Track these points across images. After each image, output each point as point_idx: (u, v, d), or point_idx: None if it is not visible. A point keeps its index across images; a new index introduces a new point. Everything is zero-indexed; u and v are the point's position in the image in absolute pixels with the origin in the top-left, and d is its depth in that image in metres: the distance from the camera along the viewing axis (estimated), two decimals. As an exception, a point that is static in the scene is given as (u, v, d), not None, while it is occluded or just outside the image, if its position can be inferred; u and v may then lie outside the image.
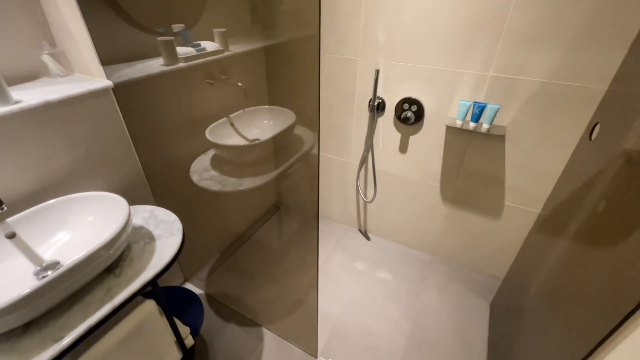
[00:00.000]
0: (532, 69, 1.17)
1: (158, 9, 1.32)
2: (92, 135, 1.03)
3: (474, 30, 1.20)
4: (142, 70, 1.16)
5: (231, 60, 1.49)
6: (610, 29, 1.01)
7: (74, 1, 0.93)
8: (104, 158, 1.08)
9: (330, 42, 1.51)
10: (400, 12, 1.29)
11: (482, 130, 1.28)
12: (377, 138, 1.65)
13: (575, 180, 1.12)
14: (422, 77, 1.38)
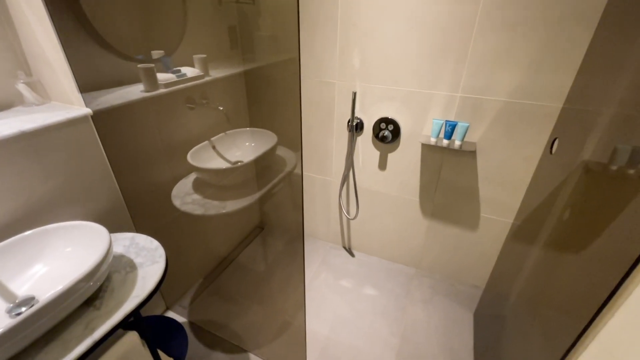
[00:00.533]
0: (496, 89, 1.26)
1: (137, 36, 1.34)
2: (70, 164, 1.01)
3: (442, 55, 1.29)
4: (122, 97, 1.16)
5: (212, 85, 1.52)
6: (560, 54, 1.13)
7: (51, 30, 0.94)
8: (82, 186, 1.06)
9: (309, 66, 1.58)
10: (374, 39, 1.37)
11: (455, 147, 1.35)
12: (357, 156, 1.71)
13: (541, 191, 1.20)
14: (397, 99, 1.46)
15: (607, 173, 0.86)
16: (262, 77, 1.77)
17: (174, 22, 1.42)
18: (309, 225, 2.15)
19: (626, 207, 0.74)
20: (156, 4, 1.37)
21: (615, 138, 0.88)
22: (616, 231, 0.74)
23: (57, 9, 0.96)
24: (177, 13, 1.43)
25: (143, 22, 1.35)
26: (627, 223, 0.71)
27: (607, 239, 0.77)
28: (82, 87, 1.03)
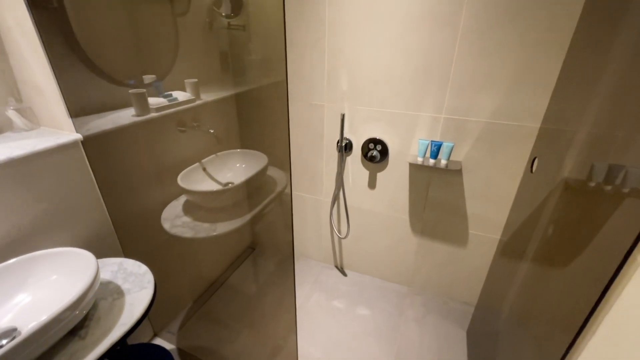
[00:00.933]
0: (478, 111, 1.32)
1: (129, 61, 1.36)
2: (58, 189, 1.00)
3: (426, 79, 1.35)
4: (113, 121, 1.17)
5: (203, 108, 1.54)
6: (535, 78, 1.19)
7: (44, 58, 0.95)
8: (70, 211, 1.05)
9: (298, 90, 1.62)
10: (360, 63, 1.43)
11: (441, 166, 1.39)
12: (347, 176, 1.73)
13: (525, 208, 1.24)
14: (384, 120, 1.50)
15: (586, 189, 0.90)
16: (253, 99, 1.81)
17: (166, 47, 1.46)
18: (301, 245, 2.14)
19: (605, 222, 0.77)
20: (148, 29, 1.41)
21: (591, 156, 0.92)
22: (597, 246, 0.77)
23: (50, 37, 0.99)
24: (170, 38, 1.46)
25: (135, 48, 1.38)
26: (606, 238, 0.74)
27: (589, 254, 0.79)
28: (72, 112, 1.04)
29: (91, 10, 1.16)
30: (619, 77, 0.83)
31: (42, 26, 0.94)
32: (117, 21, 1.27)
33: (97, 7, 1.18)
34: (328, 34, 1.43)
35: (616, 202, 0.75)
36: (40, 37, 0.93)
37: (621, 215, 0.70)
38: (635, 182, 0.69)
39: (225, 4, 1.64)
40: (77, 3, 1.10)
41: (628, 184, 0.73)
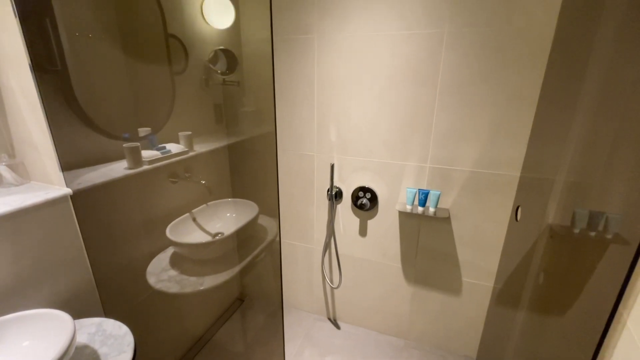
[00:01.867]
0: (461, 160, 1.38)
1: (126, 116, 1.42)
2: (42, 245, 0.98)
3: (410, 131, 1.42)
4: (105, 175, 1.18)
5: (195, 159, 1.57)
6: (510, 130, 1.27)
7: (42, 117, 0.99)
8: (52, 266, 1.01)
9: (289, 141, 1.68)
10: (347, 116, 1.51)
11: (430, 214, 1.42)
12: (338, 224, 1.73)
13: (515, 256, 1.25)
14: (372, 169, 1.55)
15: (572, 236, 0.92)
16: (245, 149, 1.86)
17: (162, 102, 1.53)
18: (292, 295, 2.06)
19: (594, 269, 0.78)
20: (147, 87, 1.48)
21: (571, 203, 0.96)
22: (588, 293, 0.77)
23: (50, 96, 1.03)
24: (166, 94, 1.54)
25: (133, 104, 1.44)
26: (596, 284, 0.74)
27: (582, 301, 0.79)
28: (65, 166, 1.06)
29: (93, 70, 1.24)
30: (586, 129, 0.90)
31: (43, 87, 0.99)
32: (117, 80, 1.34)
33: (99, 67, 1.26)
34: (317, 89, 1.53)
35: (601, 249, 0.77)
36: (40, 98, 0.97)
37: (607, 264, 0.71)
38: (617, 228, 0.72)
39: (221, 62, 1.76)
40: (80, 64, 1.17)
41: (610, 229, 0.75)
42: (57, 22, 1.07)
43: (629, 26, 0.76)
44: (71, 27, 1.12)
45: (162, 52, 1.49)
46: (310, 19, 1.44)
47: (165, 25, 1.47)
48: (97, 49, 1.24)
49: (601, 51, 0.86)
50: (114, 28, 1.30)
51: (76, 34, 1.15)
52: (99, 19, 1.24)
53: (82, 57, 1.19)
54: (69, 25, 1.11)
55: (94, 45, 1.22)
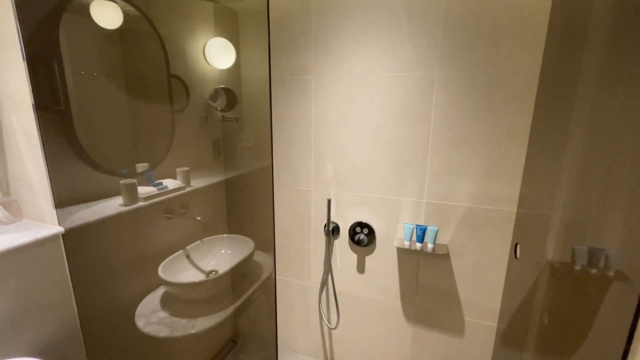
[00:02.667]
0: (457, 196, 1.39)
1: (124, 153, 1.43)
2: (29, 286, 0.94)
3: (405, 166, 1.45)
4: (99, 212, 1.17)
5: (192, 195, 1.57)
6: (504, 166, 1.30)
7: (41, 156, 1.00)
8: (37, 310, 0.97)
9: (286, 176, 1.70)
10: (344, 152, 1.54)
11: (428, 250, 1.40)
12: (335, 260, 1.70)
13: (517, 295, 1.22)
14: (369, 204, 1.55)
15: (573, 273, 0.90)
16: (242, 184, 1.87)
17: (162, 138, 1.55)
18: (288, 336, 1.96)
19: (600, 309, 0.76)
20: (147, 125, 1.51)
21: (569, 239, 0.95)
22: (596, 335, 0.74)
23: (51, 135, 1.05)
24: (166, 131, 1.57)
25: (132, 140, 1.46)
26: (604, 325, 0.71)
27: (590, 344, 0.76)
28: (59, 204, 1.05)
29: (95, 108, 1.27)
30: (577, 166, 0.92)
31: (44, 126, 1.01)
32: (118, 118, 1.37)
33: (101, 105, 1.29)
34: (314, 126, 1.57)
35: (604, 287, 0.75)
36: (40, 137, 0.98)
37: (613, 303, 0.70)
38: (618, 265, 0.71)
39: (221, 99, 1.82)
40: (83, 103, 1.20)
41: (611, 266, 0.74)
42: (64, 63, 1.11)
43: (609, 66, 0.81)
44: (77, 67, 1.16)
45: (164, 92, 1.54)
46: (307, 61, 1.51)
47: (168, 66, 1.53)
48: (101, 88, 1.28)
49: (585, 91, 0.90)
50: (118, 68, 1.36)
51: (81, 72, 1.19)
52: (105, 58, 1.29)
53: (86, 95, 1.22)
54: (75, 65, 1.16)
55: (98, 84, 1.27)
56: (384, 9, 1.33)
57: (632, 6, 0.73)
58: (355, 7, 1.38)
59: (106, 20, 1.25)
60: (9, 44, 0.94)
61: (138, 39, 1.43)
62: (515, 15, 1.18)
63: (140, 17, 1.36)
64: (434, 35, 1.29)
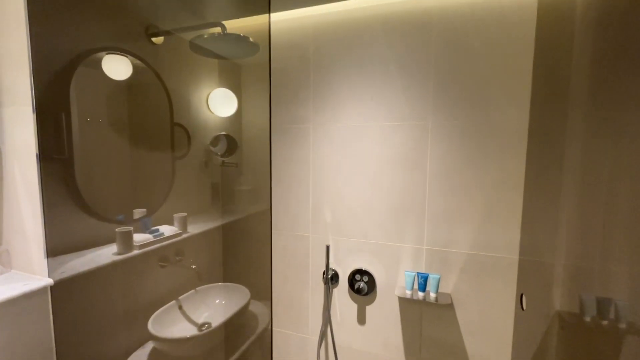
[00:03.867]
0: (457, 242, 1.37)
1: (123, 198, 1.43)
2: (7, 345, 0.88)
3: (403, 213, 1.44)
4: (92, 261, 1.14)
5: (188, 242, 1.54)
6: (501, 213, 1.30)
7: (39, 205, 0.99)
8: (11, 373, 0.90)
9: (285, 221, 1.68)
10: (342, 198, 1.55)
11: (431, 300, 1.35)
12: (335, 310, 1.63)
13: (527, 349, 1.15)
14: (368, 251, 1.53)
15: (583, 325, 0.86)
16: (239, 229, 1.85)
17: (161, 184, 1.56)
18: (284, 396, 1.80)
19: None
20: (147, 172, 1.53)
21: (575, 288, 0.92)
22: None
23: (51, 183, 1.05)
24: (166, 177, 1.58)
25: (131, 186, 1.47)
26: None
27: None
28: (51, 252, 1.02)
29: (97, 156, 1.29)
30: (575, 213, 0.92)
31: (45, 174, 1.02)
32: (119, 165, 1.39)
33: (103, 153, 1.31)
34: (312, 172, 1.60)
35: (618, 341, 0.71)
36: (41, 187, 0.99)
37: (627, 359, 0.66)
38: (629, 316, 0.68)
39: (221, 145, 1.86)
40: (86, 151, 1.23)
41: (622, 318, 0.71)
42: (72, 113, 1.15)
43: (594, 115, 0.85)
44: (84, 115, 1.20)
45: (166, 140, 1.58)
46: (306, 111, 1.57)
47: (172, 115, 1.59)
48: (105, 136, 1.31)
49: (573, 140, 0.94)
50: (124, 116, 1.41)
51: (87, 119, 1.22)
52: (111, 107, 1.34)
53: (90, 143, 1.25)
54: (82, 114, 1.20)
55: (102, 131, 1.30)
56: (378, 64, 1.43)
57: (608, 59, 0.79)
58: (350, 63, 1.47)
59: (116, 72, 1.32)
60: (20, 97, 0.98)
61: (144, 89, 1.50)
62: (500, 71, 1.27)
63: (147, 70, 1.44)
64: (425, 88, 1.37)
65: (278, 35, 1.58)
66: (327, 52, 1.51)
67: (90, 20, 1.19)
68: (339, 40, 1.48)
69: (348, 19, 1.46)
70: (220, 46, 1.65)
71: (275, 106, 1.63)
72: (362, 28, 1.44)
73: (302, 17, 1.52)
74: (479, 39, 1.28)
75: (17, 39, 0.95)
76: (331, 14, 1.48)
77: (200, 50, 1.64)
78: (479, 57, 1.29)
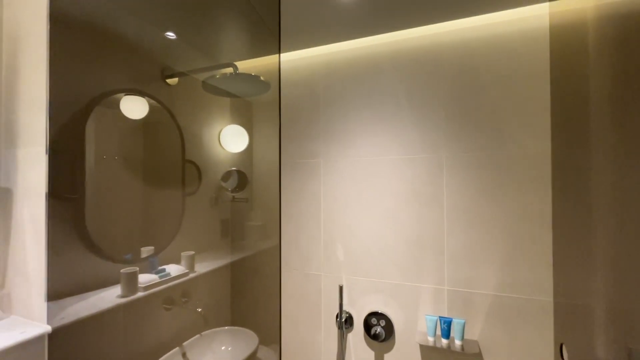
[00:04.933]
0: (481, 283, 1.27)
1: (131, 237, 1.40)
2: (-5, 402, 0.82)
3: (421, 250, 1.36)
4: (94, 305, 1.09)
5: (195, 282, 1.48)
6: (528, 251, 1.20)
7: (44, 248, 0.97)
8: None
9: (295, 258, 1.61)
10: (355, 234, 1.48)
11: (456, 348, 1.22)
12: (349, 357, 1.49)
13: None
14: (384, 291, 1.42)
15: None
16: (249, 267, 1.78)
17: (171, 222, 1.53)
18: None
19: None
20: (158, 208, 1.51)
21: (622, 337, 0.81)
22: None
23: (58, 223, 1.03)
24: (176, 214, 1.56)
25: (141, 225, 1.45)
26: None
27: None
28: (53, 295, 0.98)
29: (108, 195, 1.28)
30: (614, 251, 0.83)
31: (54, 215, 1.00)
32: (130, 204, 1.38)
33: (115, 193, 1.31)
34: (323, 207, 1.55)
35: None
36: (47, 229, 0.97)
37: None
38: None
39: (232, 180, 1.85)
40: (97, 190, 1.22)
41: None
42: (86, 152, 1.16)
43: (619, 144, 0.78)
44: (98, 154, 1.21)
45: (177, 177, 1.58)
46: (316, 146, 1.56)
47: (184, 153, 1.60)
48: (118, 173, 1.32)
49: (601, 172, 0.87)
50: (137, 155, 1.42)
51: (104, 157, 1.23)
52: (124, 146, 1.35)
53: (102, 182, 1.25)
54: (96, 153, 1.20)
55: (115, 170, 1.30)
56: (388, 97, 1.42)
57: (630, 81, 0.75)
58: (360, 97, 1.48)
59: (132, 112, 1.35)
60: (35, 139, 0.99)
61: (158, 127, 1.53)
62: (514, 101, 1.24)
63: (161, 109, 1.47)
64: (437, 120, 1.34)
65: (289, 73, 1.62)
66: (337, 88, 1.52)
67: (109, 64, 1.25)
68: (349, 76, 1.50)
69: (357, 56, 1.49)
70: (232, 85, 1.70)
71: (286, 141, 1.63)
72: (372, 64, 1.46)
73: (312, 55, 1.56)
74: (490, 71, 1.27)
75: (37, 82, 0.98)
76: (340, 52, 1.51)
77: (213, 89, 1.69)
78: (491, 88, 1.27)
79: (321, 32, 1.41)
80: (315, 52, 1.55)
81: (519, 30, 1.24)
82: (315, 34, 1.42)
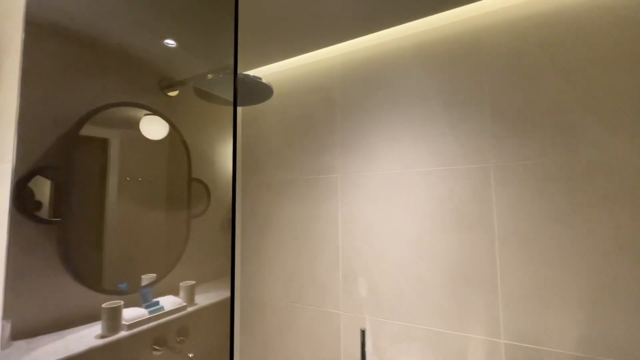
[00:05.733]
0: (553, 337, 0.93)
1: (122, 264, 1.25)
2: None
3: (466, 288, 1.05)
4: (65, 347, 0.93)
5: (194, 317, 1.29)
6: (627, 294, 0.86)
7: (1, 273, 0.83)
8: None
9: (309, 293, 1.37)
10: (380, 265, 1.21)
11: None
12: (377, 422, 1.18)
13: None
14: (419, 340, 1.12)
15: None
16: (257, 299, 1.56)
17: (172, 248, 1.38)
18: None
19: None
20: (158, 235, 1.37)
21: None
22: None
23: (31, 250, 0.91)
24: (179, 237, 1.41)
25: (137, 250, 1.31)
26: None
27: None
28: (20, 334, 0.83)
29: (98, 220, 1.15)
30: None
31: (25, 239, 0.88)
32: (123, 228, 1.24)
33: (108, 216, 1.18)
34: (342, 232, 1.30)
35: None
36: (7, 256, 0.83)
37: None
38: None
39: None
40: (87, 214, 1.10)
41: None
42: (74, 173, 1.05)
43: None
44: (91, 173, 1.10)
45: (182, 198, 1.44)
46: (332, 159, 1.35)
47: (190, 170, 1.47)
48: (111, 194, 1.19)
49: None
50: (135, 173, 1.30)
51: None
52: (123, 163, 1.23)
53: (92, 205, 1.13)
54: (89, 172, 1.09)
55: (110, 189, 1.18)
56: (416, 99, 1.18)
57: None
58: (383, 101, 1.25)
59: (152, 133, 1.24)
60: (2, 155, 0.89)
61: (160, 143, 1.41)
62: (589, 91, 0.94)
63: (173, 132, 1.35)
64: (480, 121, 1.07)
65: (300, 79, 1.44)
66: (356, 91, 1.31)
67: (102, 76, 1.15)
68: (369, 77, 1.29)
69: (377, 53, 1.27)
70: (228, 89, 1.55)
71: (297, 155, 1.43)
72: (395, 61, 1.24)
73: (325, 58, 1.38)
74: (548, 52, 0.99)
75: (9, 94, 0.89)
76: (358, 50, 1.32)
77: (206, 95, 1.56)
78: (552, 75, 0.98)
79: (334, 28, 1.22)
80: (329, 53, 1.37)
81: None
82: (327, 31, 1.24)
